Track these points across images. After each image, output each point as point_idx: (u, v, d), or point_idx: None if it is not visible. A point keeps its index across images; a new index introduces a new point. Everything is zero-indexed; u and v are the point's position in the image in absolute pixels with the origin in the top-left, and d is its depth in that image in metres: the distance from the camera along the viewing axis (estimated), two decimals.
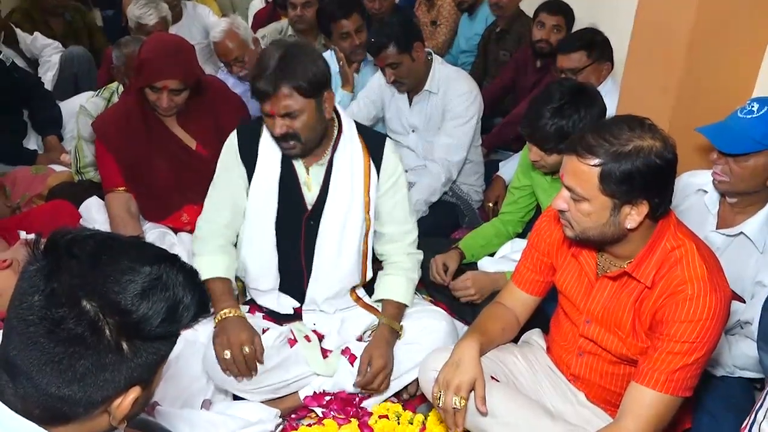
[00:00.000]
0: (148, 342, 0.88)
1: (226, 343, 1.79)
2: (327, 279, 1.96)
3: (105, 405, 0.89)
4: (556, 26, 3.18)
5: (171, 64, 2.20)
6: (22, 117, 3.49)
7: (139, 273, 0.86)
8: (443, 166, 2.73)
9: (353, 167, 1.91)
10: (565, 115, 1.89)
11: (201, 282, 0.95)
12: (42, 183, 2.95)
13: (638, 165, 1.32)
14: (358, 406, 1.92)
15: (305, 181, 1.92)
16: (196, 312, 0.92)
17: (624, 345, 1.50)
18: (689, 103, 2.07)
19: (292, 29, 3.67)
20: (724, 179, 1.68)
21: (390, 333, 1.92)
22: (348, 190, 1.91)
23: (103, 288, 0.84)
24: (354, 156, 1.91)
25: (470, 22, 4.20)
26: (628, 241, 1.44)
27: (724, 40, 2.03)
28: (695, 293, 1.35)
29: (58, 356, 0.83)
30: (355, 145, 1.92)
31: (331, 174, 1.91)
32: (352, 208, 1.92)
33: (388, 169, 1.97)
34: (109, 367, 0.85)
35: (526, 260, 1.74)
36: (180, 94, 2.25)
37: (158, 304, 0.86)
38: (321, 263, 1.95)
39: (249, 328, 1.84)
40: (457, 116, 2.72)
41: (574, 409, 1.64)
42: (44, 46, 4.08)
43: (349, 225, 1.93)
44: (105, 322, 0.83)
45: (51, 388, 0.84)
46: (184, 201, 2.42)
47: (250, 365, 1.80)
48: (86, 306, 0.83)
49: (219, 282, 1.92)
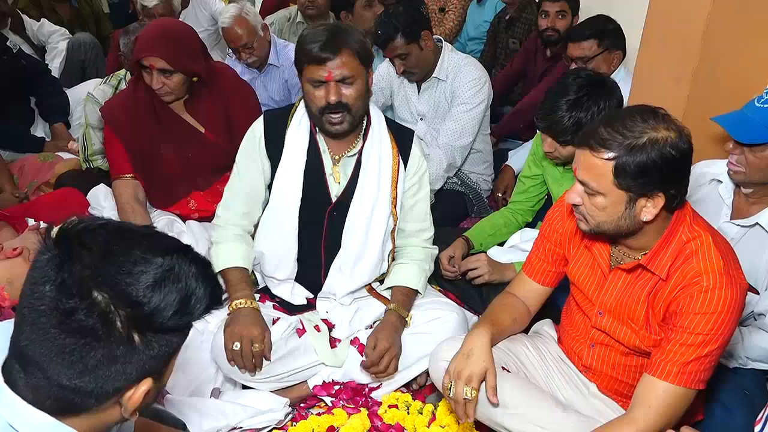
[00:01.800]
0: (160, 334, 0.87)
1: (236, 335, 1.78)
2: (350, 273, 1.95)
3: (116, 396, 0.88)
4: (560, 12, 3.16)
5: (157, 43, 2.18)
6: (30, 104, 3.48)
7: (151, 264, 0.85)
8: (446, 151, 2.72)
9: (382, 160, 1.90)
10: (584, 108, 1.87)
11: (214, 273, 0.94)
12: (49, 171, 2.95)
13: (653, 157, 1.29)
14: (368, 396, 1.91)
15: (332, 173, 1.91)
16: (208, 304, 0.90)
17: (637, 337, 1.49)
18: (704, 92, 2.04)
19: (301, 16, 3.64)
20: (739, 169, 1.66)
21: (397, 319, 1.90)
22: (375, 184, 1.90)
23: (115, 279, 0.83)
24: (383, 149, 1.91)
25: (479, 9, 4.17)
26: (643, 233, 1.42)
27: (740, 28, 2.00)
28: (711, 285, 1.34)
29: (68, 347, 0.82)
30: (384, 137, 1.91)
31: (361, 166, 1.90)
32: (379, 203, 1.91)
33: (414, 165, 1.96)
34: (121, 359, 0.84)
35: (538, 250, 1.72)
36: (171, 76, 2.20)
37: (170, 296, 0.85)
38: (344, 257, 1.94)
39: (261, 323, 1.83)
40: (464, 101, 2.70)
41: (585, 400, 1.63)
42: (51, 33, 4.07)
43: (375, 219, 1.92)
44: (116, 314, 0.82)
45: (62, 379, 0.84)
46: (192, 187, 2.41)
47: (256, 361, 1.80)
48: (97, 297, 0.82)
49: (236, 270, 1.92)
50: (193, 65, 2.25)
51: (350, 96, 1.77)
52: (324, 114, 1.80)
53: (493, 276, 2.16)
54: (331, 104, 1.77)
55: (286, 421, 1.86)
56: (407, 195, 1.98)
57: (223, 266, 1.90)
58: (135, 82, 2.31)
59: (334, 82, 1.75)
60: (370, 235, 1.93)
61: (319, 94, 1.77)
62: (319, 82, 1.76)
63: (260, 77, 3.31)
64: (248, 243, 1.99)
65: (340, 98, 1.76)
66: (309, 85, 1.79)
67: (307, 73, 1.77)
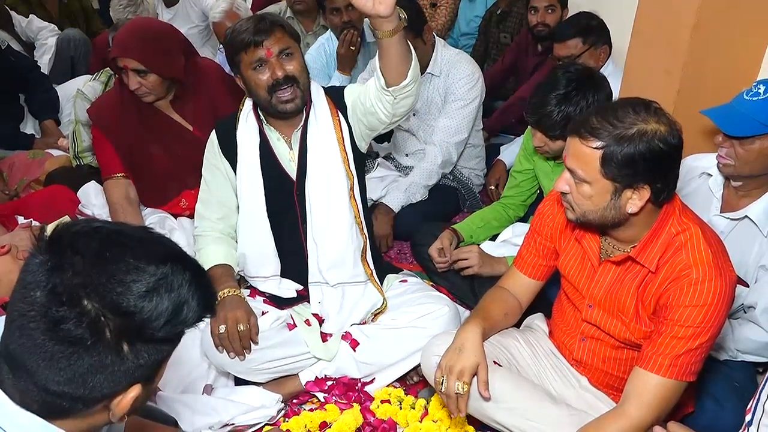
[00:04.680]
0: (151, 344, 0.86)
1: (221, 319, 1.81)
2: (325, 245, 1.95)
3: (105, 402, 0.88)
4: (548, 7, 3.15)
5: (131, 43, 2.17)
6: (19, 101, 3.46)
7: (144, 272, 0.84)
8: (441, 147, 2.72)
9: (324, 124, 1.92)
10: (573, 102, 1.88)
11: (208, 281, 0.93)
12: (39, 168, 2.93)
13: (641, 149, 1.30)
14: (361, 391, 1.91)
15: (290, 158, 1.93)
16: (200, 313, 0.89)
17: (627, 329, 1.49)
18: (694, 85, 2.05)
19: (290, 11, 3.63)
20: (729, 162, 1.67)
21: None
22: (324, 148, 1.91)
23: (106, 288, 0.81)
24: (322, 113, 1.92)
25: (470, 4, 4.16)
26: (630, 225, 1.43)
27: (730, 22, 2.01)
28: (700, 277, 1.34)
29: (57, 355, 0.81)
30: (322, 103, 1.93)
31: (307, 137, 1.91)
32: (333, 165, 1.92)
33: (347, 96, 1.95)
34: (110, 368, 0.84)
35: (529, 244, 1.73)
36: (147, 76, 2.18)
37: (162, 306, 0.84)
38: (316, 230, 1.95)
39: (246, 307, 1.86)
40: (459, 98, 2.71)
41: (576, 394, 1.64)
42: (40, 29, 4.04)
43: (333, 184, 1.93)
44: (106, 324, 0.81)
45: (50, 385, 0.83)
46: (183, 186, 2.40)
47: (243, 343, 1.81)
48: (87, 306, 0.81)
49: (219, 267, 1.95)
50: (169, 65, 2.22)
51: (295, 68, 1.80)
52: (273, 93, 1.81)
53: (484, 268, 2.15)
54: (279, 79, 1.79)
55: (278, 417, 1.86)
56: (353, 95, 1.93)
57: (207, 266, 1.92)
58: (120, 82, 2.29)
59: (275, 58, 1.78)
60: (333, 201, 1.93)
61: (264, 76, 1.80)
62: (260, 61, 1.78)
63: None
64: (229, 243, 2.03)
65: (286, 72, 1.79)
66: (250, 71, 1.81)
67: (246, 60, 1.80)
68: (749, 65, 2.09)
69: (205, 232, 2.03)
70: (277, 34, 1.78)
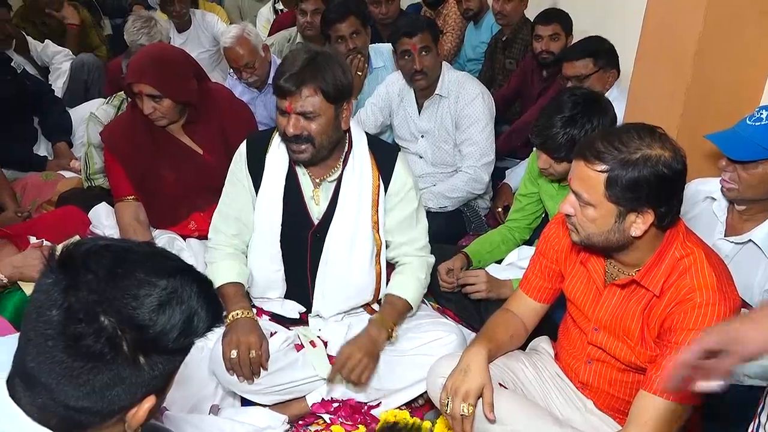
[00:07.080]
0: (165, 355, 0.89)
1: (234, 342, 1.80)
2: (334, 296, 1.96)
3: (121, 414, 0.90)
4: (552, 35, 3.19)
5: (145, 69, 2.21)
6: (33, 124, 3.51)
7: (155, 286, 0.86)
8: (474, 173, 2.75)
9: (362, 185, 1.90)
10: (578, 125, 1.89)
11: (215, 293, 0.95)
12: (52, 189, 2.97)
13: (645, 173, 1.32)
14: (366, 414, 1.91)
15: (312, 195, 1.91)
16: (210, 323, 0.92)
17: (632, 353, 1.49)
18: (697, 110, 2.07)
19: (300, 36, 3.68)
20: (732, 186, 1.68)
21: (378, 330, 1.86)
22: (355, 208, 1.90)
23: (121, 303, 0.84)
24: (363, 173, 1.90)
25: (476, 31, 4.22)
26: (634, 249, 1.44)
27: (732, 47, 2.04)
28: (704, 301, 1.35)
29: (76, 371, 0.83)
30: (365, 160, 1.91)
31: (340, 190, 1.90)
32: (360, 226, 1.91)
33: (398, 183, 1.94)
34: (127, 380, 0.86)
35: (534, 267, 1.74)
36: (161, 101, 2.23)
37: (175, 318, 0.87)
38: (327, 280, 1.94)
39: (259, 331, 1.85)
40: (475, 121, 2.73)
41: (582, 417, 1.63)
42: (55, 54, 4.13)
43: (357, 243, 1.91)
44: (123, 338, 0.84)
45: (69, 400, 0.85)
46: (192, 209, 2.43)
47: (254, 369, 1.81)
48: (104, 322, 0.83)
49: (231, 286, 1.93)
50: (182, 90, 2.27)
51: (312, 130, 1.75)
52: (289, 143, 1.81)
53: (491, 293, 2.17)
54: (288, 137, 1.77)
55: None
56: (393, 213, 1.96)
57: (219, 283, 1.91)
58: (133, 106, 2.34)
59: (294, 115, 1.74)
60: (354, 259, 1.92)
61: (282, 123, 1.78)
62: (282, 111, 1.77)
63: (260, 96, 3.34)
64: (241, 260, 2.00)
65: (299, 132, 1.75)
66: (277, 111, 1.80)
67: (276, 98, 1.79)
68: (752, 91, 2.11)
69: (218, 246, 2.00)
70: (305, 93, 1.71)
